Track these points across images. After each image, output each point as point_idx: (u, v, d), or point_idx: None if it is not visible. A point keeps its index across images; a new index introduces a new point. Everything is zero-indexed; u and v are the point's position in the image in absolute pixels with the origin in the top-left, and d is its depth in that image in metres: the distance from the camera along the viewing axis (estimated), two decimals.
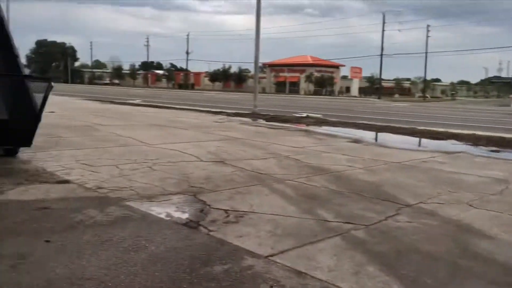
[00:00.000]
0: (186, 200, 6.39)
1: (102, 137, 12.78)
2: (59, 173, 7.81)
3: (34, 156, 9.31)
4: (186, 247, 4.58)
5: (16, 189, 6.67)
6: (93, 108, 25.74)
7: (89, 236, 4.79)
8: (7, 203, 5.90)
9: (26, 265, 4.01)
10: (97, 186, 6.96)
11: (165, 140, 12.33)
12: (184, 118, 20.54)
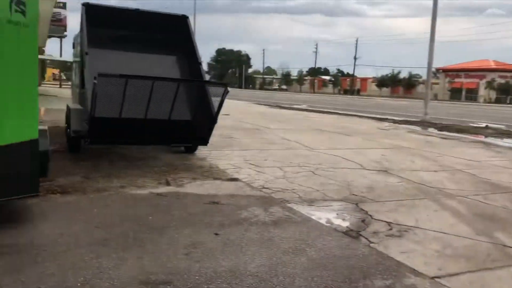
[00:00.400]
0: (346, 208, 6.28)
1: (269, 139, 13.39)
2: (230, 171, 8.40)
3: (209, 154, 10.19)
4: (345, 256, 4.49)
5: (193, 183, 7.37)
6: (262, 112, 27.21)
7: (253, 233, 5.02)
8: (185, 196, 6.55)
9: (197, 254, 4.38)
10: (262, 186, 7.29)
11: (328, 146, 12.36)
12: (348, 124, 20.35)
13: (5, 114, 4.44)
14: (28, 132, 4.63)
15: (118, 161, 8.98)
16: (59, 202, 5.92)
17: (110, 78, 7.37)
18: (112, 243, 4.55)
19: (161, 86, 7.89)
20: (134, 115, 8.01)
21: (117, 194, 6.45)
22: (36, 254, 4.16)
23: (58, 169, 7.73)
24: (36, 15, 4.65)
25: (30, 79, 4.66)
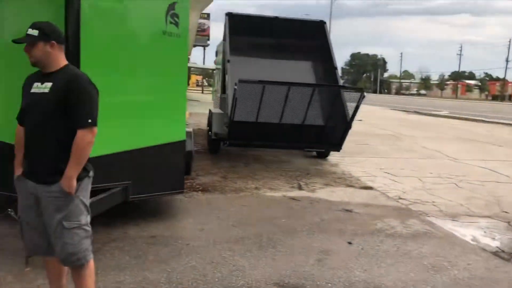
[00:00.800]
0: (496, 226, 5.66)
1: (405, 147, 12.74)
2: (363, 179, 8.17)
3: (342, 160, 10.04)
4: (494, 280, 4.04)
5: (325, 189, 7.32)
6: (398, 118, 26.05)
7: (389, 245, 4.80)
8: (317, 201, 6.54)
9: (329, 261, 4.32)
10: (398, 197, 6.95)
11: (473, 156, 11.33)
12: (497, 133, 18.42)
13: (162, 116, 4.88)
14: (178, 133, 5.04)
15: (253, 163, 9.32)
16: (200, 199, 6.33)
17: (249, 84, 7.68)
18: (247, 242, 4.72)
19: (296, 91, 8.00)
20: (270, 119, 8.24)
21: (252, 195, 6.68)
22: (180, 247, 4.49)
23: (199, 169, 8.30)
24: (187, 26, 5.04)
25: (181, 86, 5.06)
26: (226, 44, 9.67)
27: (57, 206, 2.70)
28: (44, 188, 2.72)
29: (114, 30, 4.48)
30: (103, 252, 4.20)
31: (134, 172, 4.71)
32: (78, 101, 2.68)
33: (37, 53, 2.72)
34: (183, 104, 5.12)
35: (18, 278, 3.63)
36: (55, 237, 2.74)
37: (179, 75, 5.02)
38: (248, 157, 10.01)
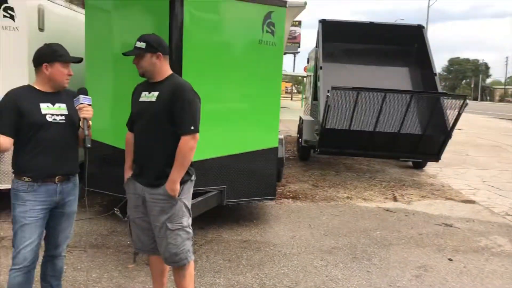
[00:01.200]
0: None
1: None
2: (464, 192, 7.66)
3: (440, 171, 9.50)
4: None
5: (422, 201, 6.97)
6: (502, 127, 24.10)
7: (495, 265, 4.43)
8: (414, 214, 6.23)
9: (428, 277, 4.09)
10: (505, 212, 6.40)
11: None
12: None
13: (257, 123, 4.97)
14: (271, 140, 5.09)
15: (344, 172, 9.15)
16: (291, 206, 6.33)
17: (342, 90, 7.56)
18: (340, 253, 4.62)
19: (392, 98, 7.72)
20: (363, 127, 8.03)
21: (344, 205, 6.55)
22: (273, 253, 4.51)
23: (289, 176, 8.31)
24: (282, 34, 5.09)
25: (276, 93, 5.12)
26: (319, 50, 9.62)
27: (161, 208, 2.85)
28: (150, 191, 2.88)
29: (213, 39, 4.66)
30: (199, 253, 4.35)
31: (229, 177, 4.84)
32: (182, 109, 2.81)
33: (145, 64, 2.90)
34: (277, 111, 5.16)
35: (123, 274, 3.87)
36: (160, 238, 2.89)
37: (273, 83, 5.08)
38: (339, 165, 9.84)
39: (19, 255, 2.66)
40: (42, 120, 2.64)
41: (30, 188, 2.65)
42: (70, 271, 3.82)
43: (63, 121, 2.72)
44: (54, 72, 2.70)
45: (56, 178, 2.71)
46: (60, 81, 2.74)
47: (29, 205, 2.65)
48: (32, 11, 5.13)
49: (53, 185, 2.70)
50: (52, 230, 2.85)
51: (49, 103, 2.70)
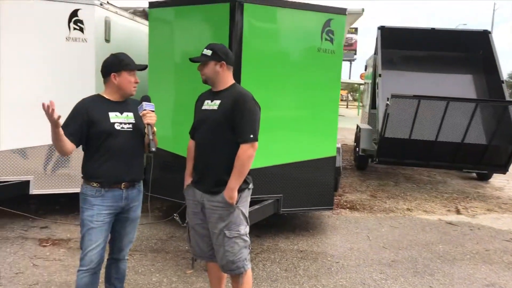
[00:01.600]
0: None
1: None
2: None
3: (507, 184, 9.01)
4: None
5: (488, 215, 6.62)
6: None
7: None
8: (479, 228, 5.93)
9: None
10: None
11: None
12: None
13: (315, 131, 4.93)
14: (329, 149, 5.02)
15: (404, 182, 8.87)
16: (348, 217, 6.20)
17: (403, 98, 7.35)
18: (400, 266, 4.46)
19: (456, 106, 7.40)
20: (424, 136, 7.75)
21: (404, 217, 6.34)
22: (330, 264, 4.43)
23: (346, 185, 8.17)
24: (341, 42, 5.03)
25: (334, 102, 5.05)
26: (377, 57, 9.43)
27: (219, 215, 2.87)
28: (209, 198, 2.91)
29: (272, 48, 4.69)
30: (256, 262, 4.35)
31: (286, 186, 4.83)
32: (242, 117, 2.83)
33: (208, 71, 2.95)
34: (335, 120, 5.09)
35: (182, 279, 3.93)
36: (217, 245, 2.91)
37: (332, 91, 5.02)
38: (398, 176, 9.55)
39: (86, 257, 2.77)
40: (111, 129, 2.75)
41: (98, 193, 2.76)
42: (132, 274, 3.94)
43: (130, 129, 2.82)
44: (122, 81, 2.81)
45: (122, 184, 2.80)
46: (128, 89, 2.85)
47: (96, 210, 2.76)
48: (99, 23, 5.38)
49: (119, 191, 2.80)
50: (117, 234, 2.94)
51: (117, 112, 2.81)
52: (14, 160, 5.05)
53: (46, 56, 5.11)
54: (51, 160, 5.22)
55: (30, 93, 5.07)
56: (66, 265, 4.08)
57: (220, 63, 2.94)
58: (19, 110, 5.02)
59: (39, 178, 5.17)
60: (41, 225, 5.20)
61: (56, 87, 5.14)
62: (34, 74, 5.08)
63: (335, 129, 5.12)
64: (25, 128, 5.06)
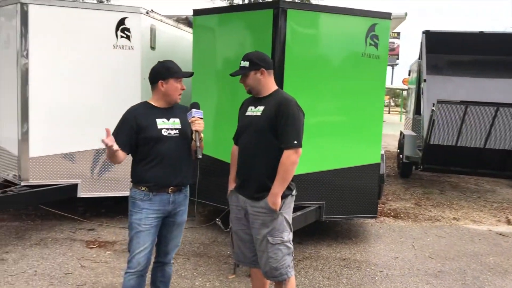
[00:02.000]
0: None
1: None
2: None
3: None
4: None
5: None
6: None
7: None
8: None
9: None
10: None
11: None
12: None
13: (359, 138, 4.86)
14: (373, 156, 4.93)
15: (449, 190, 8.58)
16: (391, 225, 6.06)
17: (449, 104, 7.14)
18: (447, 277, 4.31)
19: (506, 113, 7.11)
20: (472, 143, 7.50)
21: (450, 226, 6.13)
22: (374, 273, 4.34)
23: (389, 193, 7.99)
24: (386, 47, 4.94)
25: (379, 108, 4.97)
26: (422, 63, 9.20)
27: (262, 221, 2.86)
28: (252, 203, 2.91)
29: (315, 53, 4.66)
30: (298, 269, 4.31)
31: (328, 193, 4.77)
32: (286, 123, 2.81)
33: (250, 81, 2.95)
34: (380, 126, 5.00)
35: (224, 283, 3.95)
36: (260, 251, 2.90)
37: (376, 97, 4.93)
38: (444, 184, 9.26)
39: (134, 260, 2.82)
40: (158, 135, 2.81)
41: (146, 197, 2.82)
42: (175, 277, 3.99)
43: (177, 135, 2.86)
44: (169, 88, 2.87)
45: (169, 189, 2.85)
46: (174, 96, 2.90)
47: (144, 213, 2.82)
48: (145, 31, 5.52)
49: (166, 195, 2.85)
50: (163, 238, 2.99)
51: (164, 118, 2.86)
52: (63, 164, 5.23)
53: (95, 63, 5.28)
54: (97, 165, 5.39)
55: (79, 99, 5.25)
56: (112, 267, 4.18)
57: (259, 70, 2.94)
58: (69, 116, 5.21)
59: (87, 182, 5.34)
60: (88, 227, 5.37)
61: (104, 94, 5.32)
62: (83, 81, 5.26)
63: (379, 136, 5.02)
64: (74, 133, 5.24)
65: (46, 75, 5.14)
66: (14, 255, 4.42)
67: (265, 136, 2.88)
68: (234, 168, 3.14)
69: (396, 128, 20.34)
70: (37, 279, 3.89)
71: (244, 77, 2.96)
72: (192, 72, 3.06)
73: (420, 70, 9.34)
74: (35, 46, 5.07)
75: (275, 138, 2.86)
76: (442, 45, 9.32)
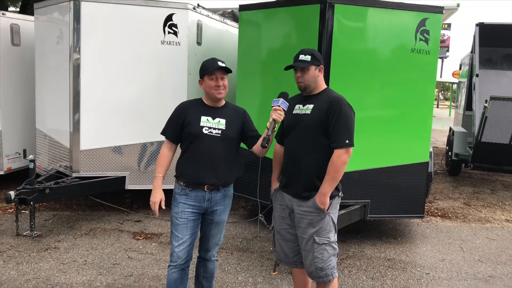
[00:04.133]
0: None
1: None
2: None
3: None
4: None
5: None
6: None
7: None
8: None
9: None
10: None
11: None
12: None
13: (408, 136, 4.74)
14: (422, 154, 4.79)
15: (501, 190, 8.23)
16: (439, 225, 5.88)
17: (504, 101, 6.82)
18: (498, 283, 4.15)
19: None
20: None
21: (502, 228, 5.88)
22: (420, 275, 4.23)
23: (437, 192, 7.76)
24: (437, 42, 4.75)
25: (429, 104, 4.81)
26: (475, 56, 8.81)
27: (309, 221, 2.84)
28: (298, 203, 2.88)
29: (361, 48, 4.56)
30: (341, 268, 4.26)
31: (373, 191, 4.68)
32: (337, 122, 2.77)
33: (308, 77, 2.87)
34: (429, 124, 4.84)
35: (267, 280, 3.96)
36: (306, 251, 2.88)
37: (426, 94, 4.78)
38: (495, 183, 8.89)
39: (174, 253, 2.88)
40: (198, 132, 2.84)
41: (183, 191, 2.87)
42: (219, 272, 4.04)
43: (218, 135, 2.86)
44: (206, 86, 2.89)
45: (205, 187, 2.88)
46: (212, 94, 2.89)
47: (181, 207, 2.87)
48: (192, 27, 5.58)
49: (202, 192, 2.88)
50: (204, 235, 3.03)
51: (210, 117, 2.88)
52: (112, 157, 5.40)
53: (143, 59, 5.40)
54: (144, 158, 5.52)
55: (127, 94, 5.39)
56: (158, 259, 4.29)
57: (319, 67, 2.90)
58: (117, 110, 5.36)
59: (134, 174, 5.49)
60: (135, 218, 5.52)
61: (151, 89, 5.43)
62: (131, 76, 5.39)
63: (428, 134, 4.87)
64: (122, 127, 5.39)
65: (97, 70, 5.31)
66: (66, 244, 4.61)
67: (315, 135, 2.84)
68: (277, 167, 3.12)
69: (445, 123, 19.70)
70: (87, 269, 4.04)
71: (302, 71, 2.87)
72: (226, 67, 2.97)
73: (472, 64, 8.96)
74: (87, 41, 5.23)
75: (325, 137, 2.82)
76: (496, 38, 8.88)
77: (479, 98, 7.92)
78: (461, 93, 11.11)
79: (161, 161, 2.93)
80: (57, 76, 5.54)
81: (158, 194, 2.87)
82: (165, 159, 2.93)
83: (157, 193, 2.87)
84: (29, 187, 4.74)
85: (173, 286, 2.92)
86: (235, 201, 6.19)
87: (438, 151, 12.31)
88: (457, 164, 9.11)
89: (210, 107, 2.93)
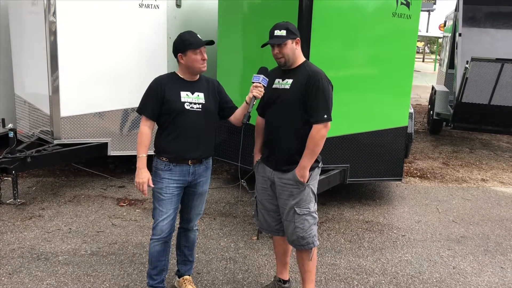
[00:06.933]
0: None
1: None
2: None
3: None
4: None
5: None
6: None
7: None
8: None
9: None
10: None
11: None
12: None
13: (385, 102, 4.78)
14: (400, 119, 4.87)
15: (480, 149, 8.42)
16: (417, 186, 6.05)
17: (484, 62, 6.86)
18: (470, 243, 4.34)
19: None
20: (506, 102, 7.26)
21: (478, 188, 6.07)
22: (395, 237, 4.40)
23: (417, 151, 7.91)
24: (418, 6, 4.73)
25: (408, 71, 4.83)
26: (458, 14, 8.77)
27: (290, 193, 2.91)
28: (279, 175, 2.95)
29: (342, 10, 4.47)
30: (320, 231, 4.41)
31: (353, 155, 4.77)
32: (316, 96, 2.78)
33: (287, 51, 2.85)
34: (408, 90, 4.88)
35: (248, 245, 4.09)
36: (287, 221, 2.97)
37: (406, 60, 4.79)
38: (474, 142, 9.08)
39: (157, 227, 2.94)
40: (181, 108, 2.83)
41: (166, 167, 2.90)
42: (201, 238, 4.15)
43: (199, 110, 2.88)
44: (188, 60, 2.85)
45: (189, 161, 2.91)
46: (196, 67, 2.87)
47: (165, 183, 2.90)
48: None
49: (186, 166, 2.91)
50: (186, 206, 3.09)
51: (189, 92, 2.88)
52: (94, 123, 5.37)
53: (121, 23, 5.27)
54: (126, 123, 5.50)
55: (106, 59, 5.30)
56: (141, 226, 4.38)
57: (295, 40, 2.87)
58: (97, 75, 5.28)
59: (116, 140, 5.48)
60: (118, 184, 5.57)
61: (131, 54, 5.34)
62: (109, 41, 5.28)
63: (407, 100, 4.93)
64: (103, 93, 5.33)
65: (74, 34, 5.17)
66: (50, 212, 4.66)
67: (294, 110, 2.86)
68: (259, 139, 3.16)
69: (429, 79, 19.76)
70: (72, 237, 4.12)
71: (280, 46, 2.84)
72: (211, 40, 2.97)
73: (456, 22, 8.92)
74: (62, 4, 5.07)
75: (304, 112, 2.84)
76: None
77: (461, 58, 7.95)
78: (445, 50, 11.11)
79: (143, 140, 2.91)
80: (34, 42, 5.40)
81: (145, 174, 2.87)
82: (147, 138, 2.91)
83: (143, 173, 2.87)
84: (10, 156, 4.73)
85: (156, 258, 3.00)
86: (218, 165, 6.29)
87: (421, 108, 12.46)
88: (438, 123, 9.26)
89: (187, 82, 2.91)
